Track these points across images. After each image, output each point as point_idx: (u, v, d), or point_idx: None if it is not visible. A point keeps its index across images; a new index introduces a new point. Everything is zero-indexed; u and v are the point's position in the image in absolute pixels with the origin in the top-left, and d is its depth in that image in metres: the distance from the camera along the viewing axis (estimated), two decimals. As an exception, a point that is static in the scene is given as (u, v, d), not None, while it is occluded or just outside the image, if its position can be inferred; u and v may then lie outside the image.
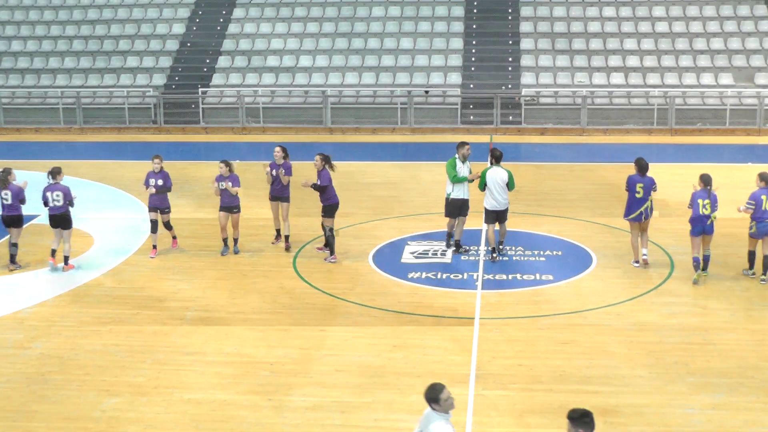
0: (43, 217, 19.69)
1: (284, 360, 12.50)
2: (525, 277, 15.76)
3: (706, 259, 15.58)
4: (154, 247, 17.31)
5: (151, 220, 17.30)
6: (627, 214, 16.07)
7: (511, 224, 18.71)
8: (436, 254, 16.98)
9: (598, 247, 17.24)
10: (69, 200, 16.39)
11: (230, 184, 16.97)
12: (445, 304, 14.52)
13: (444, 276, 15.83)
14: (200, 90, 32.06)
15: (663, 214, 18.50)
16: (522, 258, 16.77)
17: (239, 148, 27.33)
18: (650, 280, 15.42)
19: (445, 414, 8.26)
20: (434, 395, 8.28)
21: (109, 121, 31.81)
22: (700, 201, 15.21)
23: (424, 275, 15.87)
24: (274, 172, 17.31)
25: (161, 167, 17.17)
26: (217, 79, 32.85)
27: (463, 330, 13.44)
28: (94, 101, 32.34)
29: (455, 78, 32.09)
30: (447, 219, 17.10)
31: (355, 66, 32.76)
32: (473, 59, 32.81)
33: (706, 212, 15.21)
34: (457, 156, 16.81)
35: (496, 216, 16.56)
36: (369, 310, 14.31)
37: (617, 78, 31.43)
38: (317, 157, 16.71)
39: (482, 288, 15.20)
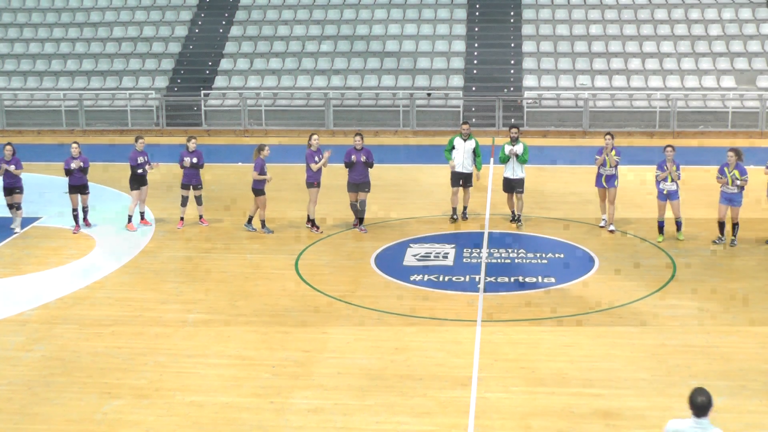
0: (45, 219, 19.72)
1: (286, 362, 12.49)
2: (527, 279, 15.75)
3: (678, 224, 17.58)
4: (182, 219, 19.04)
5: (183, 196, 18.94)
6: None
7: (512, 226, 18.71)
8: (438, 257, 16.97)
9: (600, 250, 17.23)
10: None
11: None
12: (447, 307, 14.51)
13: (446, 278, 15.82)
14: (202, 92, 32.10)
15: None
16: (524, 260, 16.76)
17: (241, 151, 27.32)
18: (652, 283, 15.42)
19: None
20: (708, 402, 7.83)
21: (112, 123, 31.85)
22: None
23: (426, 278, 15.86)
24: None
25: (196, 147, 18.86)
26: (219, 81, 32.88)
27: (465, 332, 13.43)
28: (97, 103, 32.37)
29: (457, 81, 32.11)
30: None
31: (358, 68, 32.78)
32: (475, 62, 32.83)
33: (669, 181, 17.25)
34: (458, 135, 19.21)
35: (510, 185, 18.75)
36: (371, 312, 14.31)
37: (619, 80, 31.45)
38: (358, 138, 18.70)
39: (484, 290, 15.19)
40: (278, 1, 35.80)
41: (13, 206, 18.92)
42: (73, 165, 18.74)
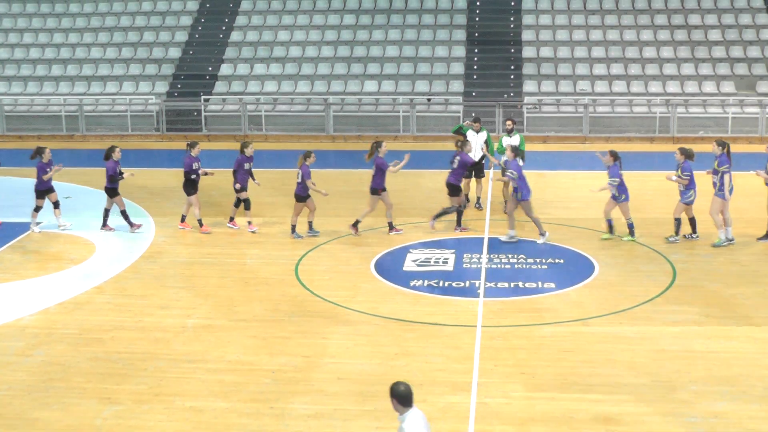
0: (45, 224, 19.72)
1: (286, 368, 12.49)
2: (527, 285, 15.75)
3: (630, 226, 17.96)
4: (250, 222, 19.05)
5: (245, 200, 18.97)
6: None
7: (519, 232, 18.71)
8: (438, 262, 16.97)
9: (600, 256, 17.23)
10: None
11: None
12: (447, 312, 14.51)
13: (446, 284, 15.82)
14: (202, 98, 32.11)
15: (663, 221, 18.47)
16: (524, 266, 16.76)
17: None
18: (653, 288, 15.41)
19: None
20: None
21: (112, 128, 31.84)
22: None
23: (426, 283, 15.86)
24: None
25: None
26: (219, 86, 32.90)
27: (465, 338, 13.42)
28: (97, 109, 32.36)
29: (457, 86, 32.12)
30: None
31: (358, 74, 32.80)
32: (475, 67, 32.84)
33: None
34: (471, 128, 20.40)
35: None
36: (371, 318, 14.30)
37: (619, 86, 31.46)
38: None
39: (484, 296, 15.19)
40: (278, 6, 35.83)
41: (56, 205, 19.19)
42: (119, 169, 18.89)
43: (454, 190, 18.71)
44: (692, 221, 17.95)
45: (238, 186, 18.94)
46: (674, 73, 31.70)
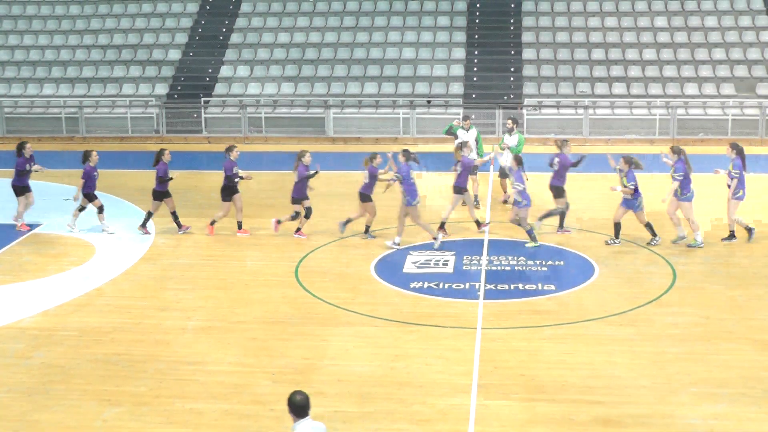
0: (45, 226, 19.72)
1: (286, 370, 12.49)
2: (527, 287, 15.75)
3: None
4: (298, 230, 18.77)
5: (307, 207, 18.58)
6: None
7: (513, 234, 18.71)
8: (438, 264, 16.97)
9: (600, 257, 17.23)
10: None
11: None
12: (446, 314, 14.51)
13: (446, 286, 15.82)
14: (202, 100, 32.11)
15: (663, 223, 18.47)
16: (524, 268, 16.76)
17: (242, 158, 27.28)
18: (652, 290, 15.41)
19: None
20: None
21: (112, 130, 31.84)
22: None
23: (426, 285, 15.86)
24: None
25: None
26: (219, 89, 32.90)
27: (465, 340, 13.42)
28: (97, 110, 32.37)
29: (457, 88, 32.13)
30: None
31: (358, 76, 32.81)
32: (475, 69, 32.86)
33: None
34: (461, 125, 20.95)
35: (504, 172, 20.36)
36: (371, 319, 14.30)
37: (619, 88, 31.47)
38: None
39: (484, 298, 15.19)
40: (278, 9, 35.85)
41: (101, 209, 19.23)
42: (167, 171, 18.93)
43: (558, 191, 18.66)
44: (648, 226, 17.87)
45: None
46: (674, 75, 31.72)
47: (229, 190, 18.78)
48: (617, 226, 17.92)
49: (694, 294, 15.27)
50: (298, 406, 8.14)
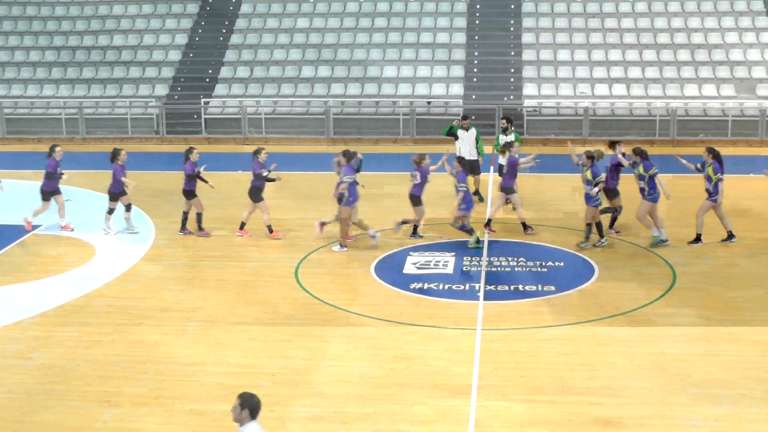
0: (44, 227, 19.72)
1: (286, 371, 12.48)
2: (527, 287, 15.74)
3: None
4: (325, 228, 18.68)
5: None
6: None
7: (513, 235, 18.71)
8: (438, 265, 16.97)
9: (599, 258, 17.23)
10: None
11: None
12: (447, 315, 14.50)
13: (446, 287, 15.81)
14: (203, 100, 32.11)
15: (665, 224, 18.48)
16: (524, 269, 16.75)
17: (241, 159, 27.35)
18: (653, 291, 15.41)
19: None
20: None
21: (112, 131, 31.84)
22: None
23: (426, 286, 15.85)
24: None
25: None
26: (219, 89, 32.90)
27: (465, 341, 13.42)
28: (97, 111, 32.37)
29: (457, 89, 32.13)
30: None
31: (358, 77, 32.81)
32: (475, 70, 32.86)
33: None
34: (460, 126, 21.18)
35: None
36: (371, 320, 14.30)
37: (619, 89, 31.47)
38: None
39: (484, 299, 15.18)
40: (278, 10, 35.85)
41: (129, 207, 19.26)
42: (197, 170, 18.85)
43: (612, 193, 18.63)
44: (599, 226, 17.92)
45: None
46: (674, 76, 31.71)
47: (257, 192, 18.70)
48: (598, 226, 17.89)
49: (694, 295, 15.27)
50: (256, 409, 8.06)
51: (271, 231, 18.70)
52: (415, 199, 18.41)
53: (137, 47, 34.63)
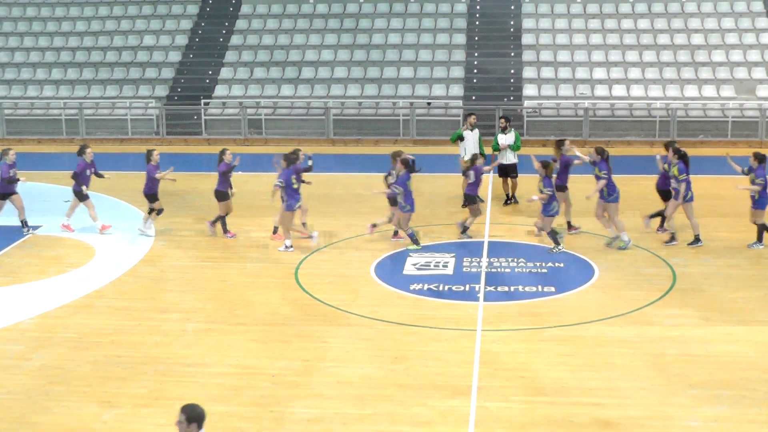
0: (44, 228, 19.72)
1: (286, 372, 12.48)
2: (527, 288, 15.74)
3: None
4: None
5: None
6: None
7: (513, 236, 18.72)
8: (438, 266, 16.97)
9: (600, 259, 17.23)
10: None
11: None
12: (446, 316, 14.50)
13: (446, 288, 15.81)
14: (202, 101, 32.12)
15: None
16: (524, 270, 16.75)
17: (241, 160, 27.32)
18: (652, 292, 15.41)
19: None
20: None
21: (112, 132, 31.87)
22: None
23: (426, 287, 15.85)
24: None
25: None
26: (219, 90, 32.92)
27: (465, 342, 13.42)
28: (97, 112, 32.40)
29: (457, 90, 32.15)
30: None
31: (358, 78, 32.83)
32: (475, 71, 32.88)
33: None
34: (462, 127, 21.41)
35: (505, 170, 21.09)
36: (371, 321, 14.30)
37: (619, 90, 31.48)
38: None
39: (484, 300, 15.18)
40: (278, 10, 35.86)
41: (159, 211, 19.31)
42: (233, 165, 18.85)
43: (666, 195, 18.54)
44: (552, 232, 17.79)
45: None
46: (674, 77, 31.74)
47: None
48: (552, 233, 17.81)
49: (694, 296, 15.27)
50: (201, 417, 7.98)
51: (275, 231, 18.67)
52: (470, 199, 18.56)
53: (137, 48, 34.65)
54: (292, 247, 17.86)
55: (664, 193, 18.54)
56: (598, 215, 17.99)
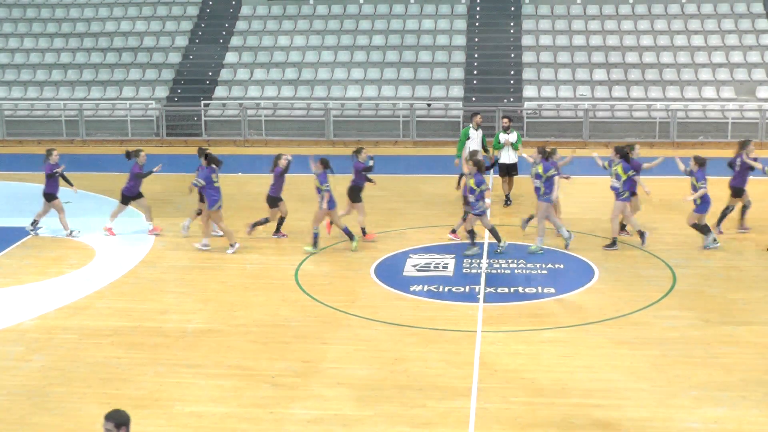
0: (44, 229, 19.72)
1: (285, 373, 12.48)
2: (527, 290, 15.75)
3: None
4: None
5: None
6: None
7: (513, 237, 18.71)
8: (438, 267, 16.97)
9: (600, 260, 17.23)
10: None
11: None
12: (446, 317, 14.50)
13: (446, 289, 15.81)
14: (202, 102, 32.13)
15: (665, 226, 18.48)
16: (524, 271, 16.76)
17: (241, 161, 27.35)
18: (652, 293, 15.41)
19: None
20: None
21: (112, 133, 31.89)
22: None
23: (426, 288, 15.85)
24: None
25: None
26: (219, 91, 32.93)
27: (465, 343, 13.42)
28: (97, 113, 32.41)
29: (457, 91, 32.16)
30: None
31: (358, 79, 32.84)
32: (475, 72, 32.88)
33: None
34: (470, 126, 21.46)
35: (507, 169, 21.31)
36: (370, 323, 14.29)
37: (619, 91, 31.49)
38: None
39: (484, 301, 15.18)
40: (278, 11, 35.88)
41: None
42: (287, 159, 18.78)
43: (737, 192, 18.52)
44: (471, 233, 17.73)
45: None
46: (674, 78, 31.75)
47: (357, 191, 18.65)
48: (470, 233, 17.76)
49: (693, 297, 15.26)
50: (127, 420, 7.89)
51: (364, 233, 18.58)
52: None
53: (137, 49, 34.67)
54: (208, 245, 18.00)
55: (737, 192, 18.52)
56: (540, 216, 17.86)
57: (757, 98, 30.92)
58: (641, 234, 17.95)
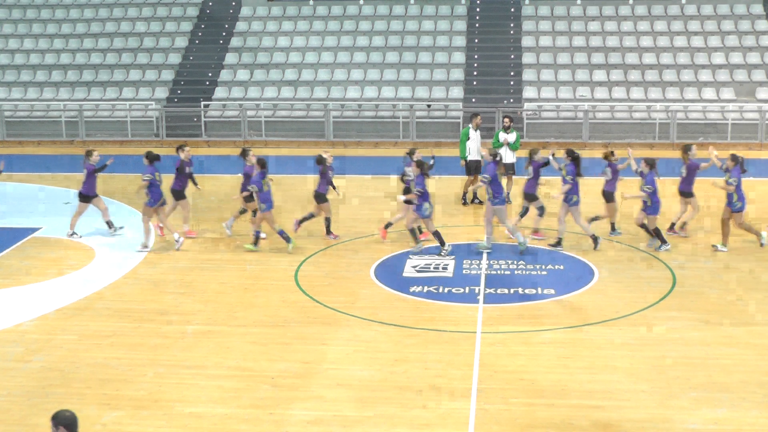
0: (44, 230, 19.72)
1: (285, 374, 12.48)
2: (527, 291, 15.74)
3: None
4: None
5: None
6: None
7: (512, 238, 18.70)
8: (438, 268, 16.97)
9: (599, 262, 17.23)
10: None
11: None
12: (446, 318, 14.50)
13: (446, 290, 15.81)
14: (202, 103, 32.14)
15: (664, 227, 18.46)
16: (524, 272, 16.76)
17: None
18: (652, 295, 15.41)
19: None
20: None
21: (112, 134, 31.90)
22: None
23: (425, 289, 15.85)
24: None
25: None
26: (219, 92, 32.93)
27: (465, 344, 13.41)
28: (97, 114, 32.42)
29: (457, 92, 32.16)
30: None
31: (358, 80, 32.85)
32: (475, 73, 32.90)
33: None
34: (470, 126, 21.69)
35: (505, 168, 21.06)
36: (370, 323, 14.29)
37: (619, 92, 31.50)
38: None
39: (484, 302, 15.18)
40: (278, 12, 35.90)
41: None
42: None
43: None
44: (412, 232, 17.81)
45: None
46: (674, 80, 31.76)
47: (407, 191, 18.63)
48: (412, 232, 17.81)
49: (693, 298, 15.26)
50: (73, 421, 7.80)
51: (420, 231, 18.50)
52: (608, 196, 18.64)
53: (137, 50, 34.68)
54: (180, 239, 18.15)
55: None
56: (488, 217, 17.82)
57: (757, 99, 30.93)
58: (595, 239, 18.00)
